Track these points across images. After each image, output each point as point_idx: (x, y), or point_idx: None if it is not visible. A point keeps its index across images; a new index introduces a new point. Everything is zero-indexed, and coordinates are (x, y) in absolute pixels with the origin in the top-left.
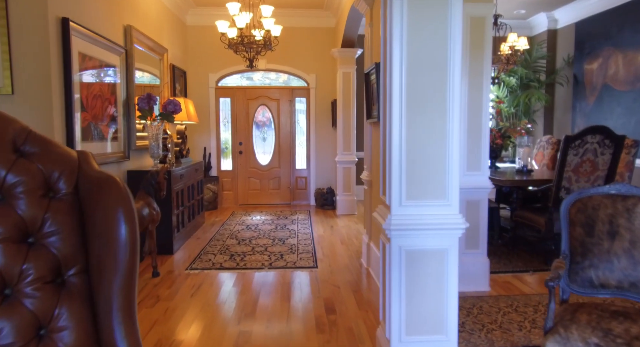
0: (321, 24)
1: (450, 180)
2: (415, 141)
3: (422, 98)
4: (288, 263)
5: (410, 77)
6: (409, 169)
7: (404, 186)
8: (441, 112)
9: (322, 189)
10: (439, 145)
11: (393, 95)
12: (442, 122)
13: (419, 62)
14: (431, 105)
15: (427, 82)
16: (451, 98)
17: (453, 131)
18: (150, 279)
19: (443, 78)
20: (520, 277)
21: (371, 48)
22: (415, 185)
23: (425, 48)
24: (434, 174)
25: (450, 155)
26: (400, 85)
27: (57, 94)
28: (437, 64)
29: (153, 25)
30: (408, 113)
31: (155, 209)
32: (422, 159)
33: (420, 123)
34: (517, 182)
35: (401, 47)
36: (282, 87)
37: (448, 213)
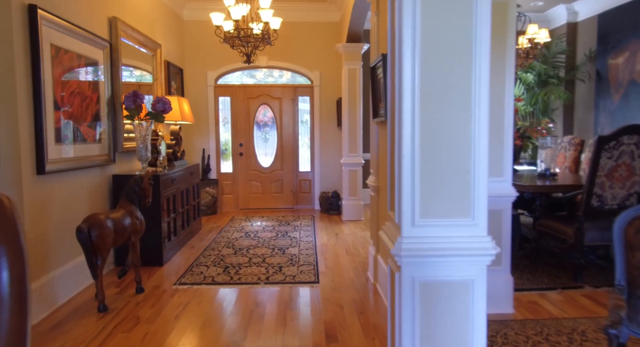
0: (325, 19)
1: (477, 193)
2: (432, 145)
3: (440, 91)
4: (287, 277)
5: (425, 66)
6: (424, 179)
7: (417, 200)
8: (464, 109)
9: (327, 192)
10: (462, 149)
11: (404, 88)
12: (465, 120)
13: (436, 48)
14: (452, 100)
15: (446, 71)
16: (477, 91)
17: (480, 132)
18: (134, 295)
19: (466, 66)
20: (546, 296)
21: (377, 39)
22: (431, 199)
23: (444, 30)
24: (455, 185)
25: (476, 162)
26: (413, 76)
27: (22, 91)
28: (458, 50)
29: (144, 19)
30: (422, 110)
31: (138, 219)
32: (440, 167)
33: (437, 122)
34: (542, 187)
35: (413, 30)
36: (285, 85)
37: (474, 235)
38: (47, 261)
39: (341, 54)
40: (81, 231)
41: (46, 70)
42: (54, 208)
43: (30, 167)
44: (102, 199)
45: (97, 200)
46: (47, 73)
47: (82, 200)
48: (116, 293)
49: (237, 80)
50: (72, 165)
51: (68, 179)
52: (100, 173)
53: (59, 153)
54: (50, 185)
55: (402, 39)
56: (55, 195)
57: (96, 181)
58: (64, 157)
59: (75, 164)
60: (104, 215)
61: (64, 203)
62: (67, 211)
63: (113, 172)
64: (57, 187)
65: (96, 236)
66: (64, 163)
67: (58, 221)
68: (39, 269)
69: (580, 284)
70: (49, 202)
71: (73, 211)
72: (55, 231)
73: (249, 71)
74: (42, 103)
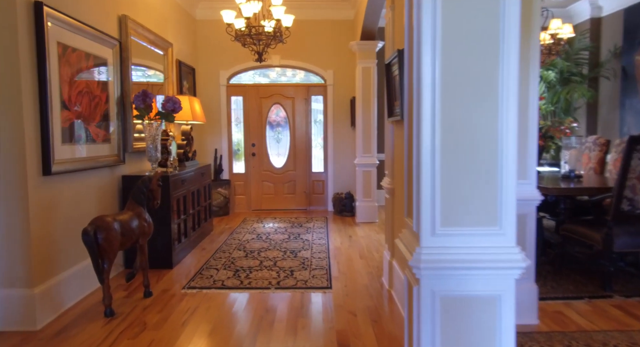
0: (339, 16)
1: (504, 199)
2: (454, 145)
3: (464, 88)
4: (298, 282)
5: (447, 60)
6: (446, 183)
7: (437, 207)
8: (491, 106)
9: (341, 194)
10: (487, 151)
11: (423, 85)
12: (492, 119)
13: (459, 40)
14: (477, 97)
15: (470, 65)
16: (505, 87)
17: (508, 132)
18: (141, 299)
19: (493, 60)
20: (573, 305)
21: (393, 35)
22: (454, 206)
23: (467, 20)
24: (480, 190)
25: (504, 165)
26: (433, 71)
27: (27, 90)
28: (484, 41)
29: (155, 17)
30: (444, 108)
31: (146, 221)
32: (463, 170)
33: (461, 121)
34: (567, 190)
35: (434, 21)
36: (298, 84)
37: (501, 245)
38: (53, 264)
39: (355, 52)
40: (87, 234)
41: (52, 69)
42: (61, 209)
43: (35, 167)
44: (111, 200)
45: (106, 201)
46: (54, 72)
47: (90, 201)
48: (124, 297)
49: (249, 79)
50: (80, 165)
51: (76, 180)
52: (109, 174)
53: (66, 153)
54: (57, 186)
55: (421, 31)
56: (63, 196)
57: (105, 181)
58: (72, 158)
59: (84, 165)
60: (111, 217)
61: (71, 204)
62: (75, 212)
63: (123, 173)
64: (64, 188)
65: (103, 239)
66: (71, 164)
67: (65, 223)
68: (45, 271)
69: (609, 293)
70: (55, 203)
71: (81, 212)
72: (62, 232)
73: (262, 70)
74: (48, 102)
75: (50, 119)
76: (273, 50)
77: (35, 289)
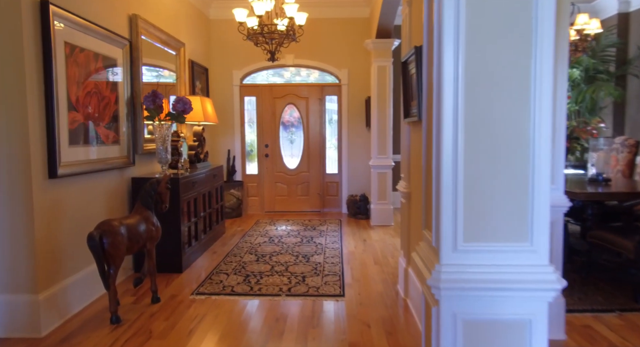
0: (354, 14)
1: (536, 211)
2: (479, 150)
3: (491, 85)
4: (310, 289)
5: (471, 53)
6: (469, 192)
7: (460, 219)
8: (521, 106)
9: (355, 196)
10: (517, 156)
11: (444, 82)
12: (522, 120)
13: (484, 31)
14: (505, 96)
15: (497, 59)
16: (538, 82)
17: (541, 135)
18: (149, 305)
19: (524, 53)
20: (602, 319)
21: (410, 31)
22: (478, 218)
23: (494, 8)
24: (509, 201)
25: (536, 172)
26: (456, 67)
27: (33, 91)
28: (514, 33)
29: (167, 17)
30: (467, 107)
31: (154, 225)
32: (490, 178)
33: (487, 122)
34: (595, 195)
35: (457, 11)
36: (312, 84)
37: (533, 264)
38: (59, 269)
39: (370, 51)
40: (92, 239)
41: (59, 69)
42: (68, 213)
43: (41, 170)
44: (120, 202)
45: (116, 204)
46: (61, 72)
47: (99, 204)
48: (131, 302)
49: (264, 79)
50: (88, 168)
51: (84, 183)
52: (119, 176)
53: (74, 156)
54: (64, 189)
55: (443, 23)
56: (70, 199)
57: (114, 184)
58: (79, 160)
59: (92, 167)
60: (118, 221)
61: (79, 208)
62: (83, 215)
63: (132, 175)
64: (71, 191)
65: (109, 244)
66: (78, 166)
67: (72, 227)
68: (51, 277)
69: None
70: (62, 207)
71: (89, 215)
72: (69, 236)
73: (277, 70)
74: (54, 103)
75: (56, 121)
76: (287, 50)
77: (40, 294)
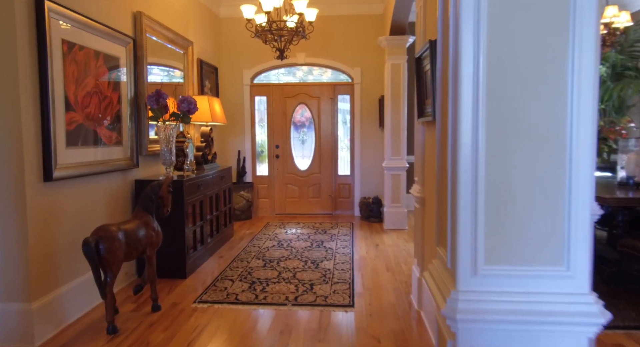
0: (367, 11)
1: (574, 227)
2: (504, 152)
3: (518, 76)
4: (318, 298)
5: (495, 39)
6: (492, 204)
7: (480, 237)
8: (556, 101)
9: (368, 198)
10: (551, 161)
11: (462, 74)
12: (558, 117)
13: (511, 12)
14: (536, 90)
15: (526, 46)
16: (577, 73)
17: (580, 134)
18: (149, 314)
19: (560, 37)
20: (636, 337)
21: (424, 24)
22: (502, 235)
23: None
24: (540, 214)
25: (573, 178)
26: (476, 57)
27: (27, 90)
28: (547, 13)
29: (174, 15)
30: (490, 104)
31: (154, 230)
32: (516, 187)
33: (513, 121)
34: (627, 201)
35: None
36: (323, 83)
37: (569, 292)
38: (54, 276)
39: (384, 48)
40: (87, 245)
41: (56, 67)
42: (65, 218)
43: (35, 173)
44: (122, 206)
45: (118, 207)
46: (57, 71)
47: (100, 208)
48: (131, 310)
49: (275, 79)
50: (88, 170)
51: (83, 186)
52: (121, 178)
53: (72, 157)
54: (61, 192)
55: (460, 8)
56: (67, 203)
57: (117, 186)
58: (78, 162)
59: (92, 169)
60: (116, 226)
61: (77, 212)
62: (82, 220)
63: (136, 177)
64: (69, 195)
65: (105, 250)
66: (76, 168)
67: (70, 232)
68: (45, 284)
69: None
70: (58, 211)
71: (89, 220)
72: (66, 242)
73: (289, 69)
74: (50, 103)
75: (52, 121)
76: (298, 48)
77: (34, 303)
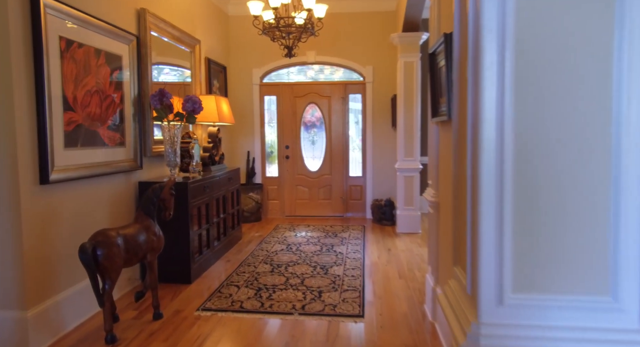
0: (378, 8)
1: (623, 248)
2: (535, 156)
3: (551, 71)
4: (326, 307)
5: (523, 25)
6: (520, 217)
7: (508, 258)
8: (598, 100)
9: (380, 200)
10: (592, 169)
11: (483, 65)
12: (599, 120)
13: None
14: (574, 85)
15: (562, 34)
16: (626, 64)
17: (630, 135)
18: (150, 322)
19: (604, 23)
20: None
21: (438, 18)
22: (534, 257)
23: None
24: (578, 232)
25: (622, 188)
26: (501, 42)
27: (21, 89)
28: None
29: (181, 12)
30: (518, 99)
31: (155, 234)
32: (550, 197)
33: (547, 118)
34: None
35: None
36: (334, 82)
37: (617, 327)
38: (51, 283)
39: (396, 46)
40: (84, 251)
41: (52, 65)
42: (64, 222)
43: (30, 176)
44: (126, 209)
45: (121, 210)
46: (54, 69)
47: (101, 211)
48: (132, 318)
49: (286, 78)
50: (87, 172)
51: (83, 188)
52: (124, 180)
53: (70, 159)
54: (59, 195)
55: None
56: (66, 207)
57: (120, 189)
58: (77, 164)
59: (92, 171)
60: (115, 231)
61: (77, 215)
62: (82, 224)
63: (139, 179)
64: (67, 198)
65: (103, 256)
66: (75, 170)
67: (69, 236)
68: (42, 291)
69: None
70: (56, 215)
71: (89, 224)
72: (64, 247)
73: (300, 68)
74: (46, 102)
75: (48, 121)
76: (308, 47)
77: (29, 311)
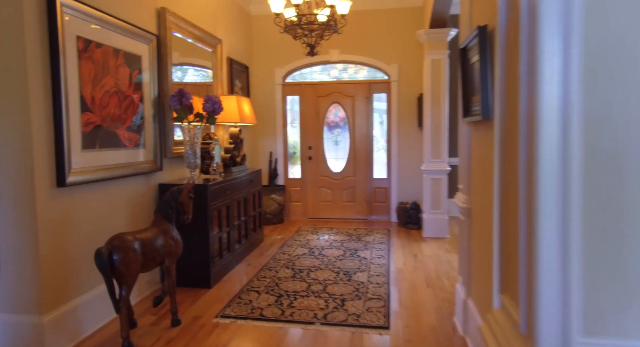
0: (404, 4)
1: None
2: (613, 168)
3: (633, 57)
4: (349, 317)
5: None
6: (592, 239)
7: (576, 291)
8: None
9: (406, 203)
10: None
11: (541, 53)
12: None
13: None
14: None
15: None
16: None
17: None
18: (168, 329)
19: None
20: None
21: (470, 10)
22: (610, 290)
23: None
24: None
25: None
26: (566, 29)
27: (37, 90)
28: None
29: (202, 12)
30: (587, 93)
31: (173, 238)
32: (633, 215)
33: (631, 122)
34: None
35: None
36: (358, 81)
37: None
38: (68, 287)
39: (423, 43)
40: (100, 256)
41: (70, 66)
42: (82, 225)
43: (47, 178)
44: (146, 211)
45: (140, 213)
46: (72, 69)
47: (120, 214)
48: (150, 323)
49: (309, 77)
50: (107, 174)
51: (101, 191)
52: (144, 182)
53: (88, 161)
54: (76, 198)
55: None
56: (83, 210)
57: (139, 191)
58: (95, 166)
59: (111, 173)
60: (132, 235)
61: (95, 219)
62: (101, 227)
63: (160, 181)
64: (85, 201)
65: (119, 261)
66: (93, 173)
67: (86, 240)
68: (58, 296)
69: None
70: (73, 218)
71: (107, 227)
72: (82, 251)
73: (324, 67)
74: (63, 103)
75: (65, 122)
76: (332, 45)
77: (45, 316)
